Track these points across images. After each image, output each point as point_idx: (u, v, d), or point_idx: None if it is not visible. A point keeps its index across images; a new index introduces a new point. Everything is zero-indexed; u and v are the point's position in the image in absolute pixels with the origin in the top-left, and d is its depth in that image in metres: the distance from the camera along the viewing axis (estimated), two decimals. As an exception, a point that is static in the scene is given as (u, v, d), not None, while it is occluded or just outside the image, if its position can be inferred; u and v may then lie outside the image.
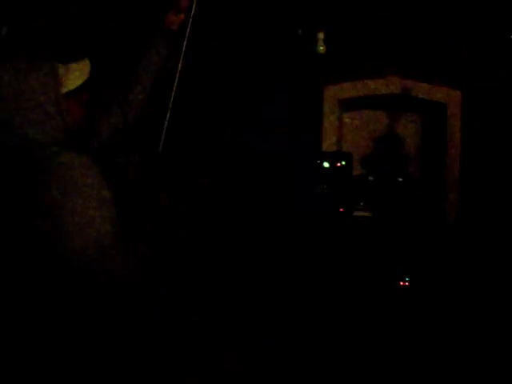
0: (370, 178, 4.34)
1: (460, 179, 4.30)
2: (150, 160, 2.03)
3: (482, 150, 4.23)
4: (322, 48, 3.50)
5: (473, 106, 4.28)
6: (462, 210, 4.29)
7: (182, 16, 2.17)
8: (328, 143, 4.39)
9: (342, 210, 4.05)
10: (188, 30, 2.18)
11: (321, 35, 3.54)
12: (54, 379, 1.67)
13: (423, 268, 3.80)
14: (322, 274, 3.71)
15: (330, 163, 4.06)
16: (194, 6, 2.19)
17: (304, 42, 3.95)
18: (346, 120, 4.61)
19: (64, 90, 1.73)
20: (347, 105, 4.49)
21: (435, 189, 4.40)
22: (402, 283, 3.78)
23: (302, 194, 4.03)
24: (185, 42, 2.18)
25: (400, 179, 4.32)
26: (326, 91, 4.39)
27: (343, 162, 4.09)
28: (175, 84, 2.16)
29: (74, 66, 1.78)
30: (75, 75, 1.77)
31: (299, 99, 4.35)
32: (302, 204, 3.99)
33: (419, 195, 4.32)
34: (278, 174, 4.22)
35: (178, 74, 2.17)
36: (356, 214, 4.08)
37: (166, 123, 2.11)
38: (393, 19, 4.23)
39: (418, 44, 4.26)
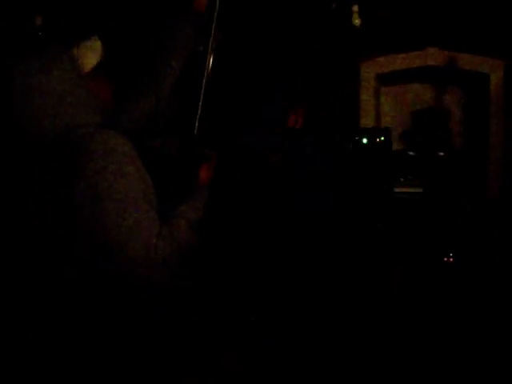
0: (411, 153, 4.25)
1: (503, 152, 4.19)
2: (186, 143, 2.02)
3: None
4: (357, 21, 3.42)
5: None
6: (505, 184, 4.18)
7: None
8: (366, 119, 4.31)
9: (382, 186, 3.98)
10: (216, 11, 2.14)
11: (355, 8, 3.47)
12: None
13: (467, 244, 3.73)
14: (362, 248, 3.67)
15: (368, 139, 3.98)
16: None
17: (338, 15, 3.87)
18: (384, 95, 4.52)
19: (84, 70, 1.77)
20: (385, 79, 4.40)
21: (478, 162, 4.30)
22: (446, 259, 3.71)
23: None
24: (213, 24, 2.15)
25: (441, 153, 4.22)
26: (362, 66, 4.31)
27: (382, 138, 4.00)
28: (207, 66, 2.13)
29: (84, 46, 1.81)
30: (88, 55, 1.79)
31: (335, 75, 4.27)
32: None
33: (462, 170, 4.22)
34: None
35: (209, 56, 2.14)
36: (397, 190, 4.01)
37: (200, 106, 2.08)
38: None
39: (457, 13, 4.13)
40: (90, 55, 1.79)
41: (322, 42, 4.19)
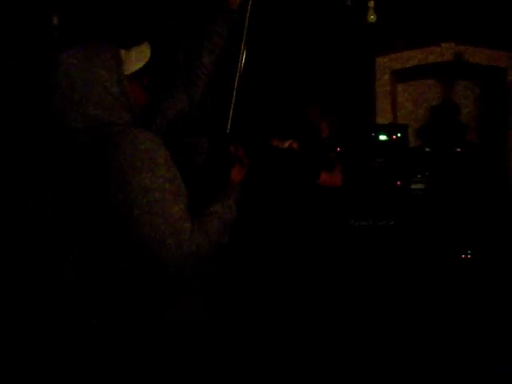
0: (427, 149, 4.22)
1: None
2: (218, 142, 2.02)
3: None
4: (372, 17, 3.39)
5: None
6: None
7: None
8: (382, 115, 4.28)
9: (399, 183, 3.95)
10: (248, 11, 2.15)
11: (371, 4, 3.44)
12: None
13: (485, 240, 3.70)
14: (380, 246, 3.65)
15: (385, 136, 3.96)
16: None
17: (354, 11, 3.85)
18: (400, 91, 4.49)
19: (126, 72, 1.78)
20: (400, 75, 4.37)
21: (495, 158, 4.26)
22: (464, 256, 3.68)
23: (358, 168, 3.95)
24: (246, 22, 2.15)
25: (458, 149, 4.19)
26: (377, 62, 4.28)
27: (399, 134, 3.98)
28: (240, 65, 2.14)
29: (134, 50, 1.83)
30: (136, 59, 1.82)
31: (351, 72, 4.25)
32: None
33: (479, 165, 4.19)
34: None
35: (241, 55, 2.15)
36: (414, 186, 3.98)
37: (233, 105, 2.07)
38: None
39: (472, 7, 4.10)
40: (137, 60, 1.82)
41: (338, 38, 4.18)
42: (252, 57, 2.17)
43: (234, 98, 2.08)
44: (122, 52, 1.80)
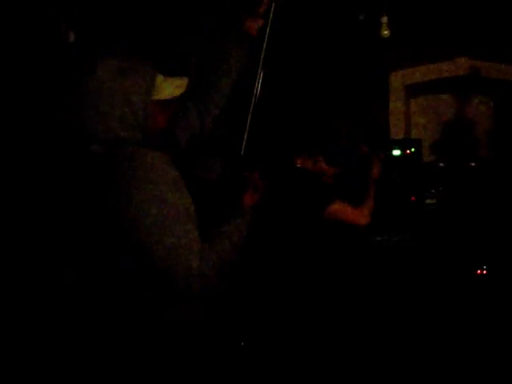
0: (441, 164, 4.21)
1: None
2: (232, 163, 2.03)
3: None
4: (386, 32, 3.40)
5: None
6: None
7: (261, 21, 2.16)
8: (396, 130, 4.28)
9: (413, 198, 3.95)
10: (267, 36, 2.16)
11: (384, 19, 3.44)
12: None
13: (500, 255, 3.68)
14: (394, 262, 3.64)
15: (399, 150, 3.96)
16: (272, 11, 2.17)
17: (367, 27, 3.86)
18: (414, 105, 4.49)
19: (156, 96, 1.79)
20: (414, 90, 4.37)
21: (509, 173, 4.24)
22: (479, 271, 3.66)
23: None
24: (264, 48, 2.17)
25: (472, 164, 4.18)
26: (391, 77, 4.29)
27: (412, 149, 3.98)
28: (256, 88, 2.15)
29: (172, 79, 1.84)
30: (170, 88, 1.82)
31: (365, 86, 4.26)
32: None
33: (493, 180, 4.17)
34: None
35: (258, 79, 2.16)
36: (428, 201, 3.97)
37: (248, 127, 2.09)
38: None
39: (485, 22, 4.10)
40: (171, 90, 1.83)
41: (352, 54, 4.19)
42: (268, 76, 2.19)
43: (249, 121, 2.10)
44: (160, 77, 1.80)
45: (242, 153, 2.04)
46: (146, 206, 1.62)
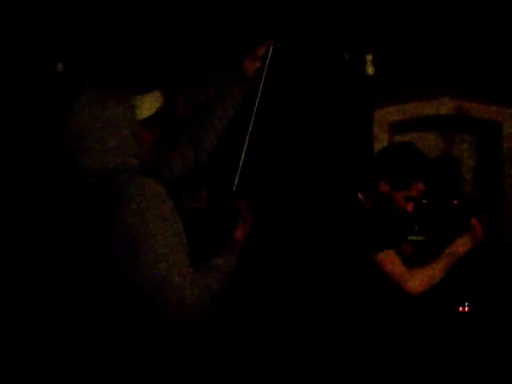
0: (424, 201, 4.23)
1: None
2: (223, 197, 2.08)
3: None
4: (370, 70, 3.45)
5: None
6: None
7: (258, 63, 2.26)
8: (379, 167, 4.31)
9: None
10: (264, 77, 2.25)
11: (369, 57, 3.50)
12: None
13: (483, 293, 3.68)
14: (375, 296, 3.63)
15: (382, 187, 3.97)
16: (270, 54, 2.26)
17: (352, 64, 3.92)
18: (398, 143, 4.53)
19: (138, 117, 1.84)
20: (398, 127, 4.43)
21: (492, 211, 4.27)
22: (461, 309, 3.66)
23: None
24: (260, 89, 2.25)
25: (455, 201, 4.20)
26: (375, 114, 4.34)
27: (396, 185, 3.99)
28: (251, 126, 2.22)
29: (148, 96, 1.89)
30: (148, 106, 1.87)
31: (349, 123, 4.31)
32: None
33: (476, 217, 4.19)
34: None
35: (253, 117, 2.23)
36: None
37: (241, 164, 2.15)
38: (442, 39, 4.17)
39: (468, 63, 4.18)
40: (149, 106, 1.87)
41: (336, 91, 4.24)
42: (262, 114, 2.24)
43: (243, 158, 2.14)
44: (136, 97, 1.84)
45: (234, 188, 2.08)
46: (140, 234, 1.65)
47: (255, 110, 2.23)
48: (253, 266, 3.40)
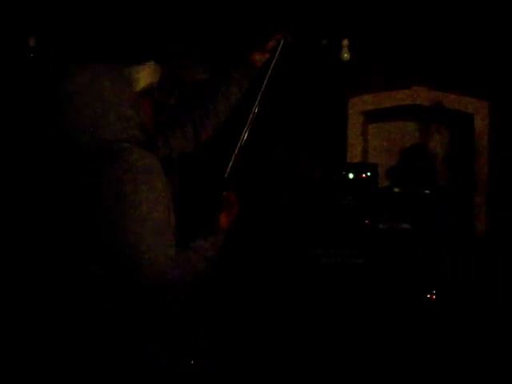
0: (396, 189, 4.28)
1: (488, 191, 4.22)
2: (214, 183, 2.10)
3: (510, 160, 4.16)
4: (346, 55, 3.46)
5: (500, 116, 4.21)
6: (490, 221, 4.21)
7: (267, 56, 2.28)
8: (353, 155, 4.35)
9: (367, 221, 3.99)
10: (270, 70, 2.26)
11: (345, 42, 3.52)
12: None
13: (451, 281, 3.73)
14: (346, 285, 3.67)
15: (355, 174, 4.01)
16: (280, 48, 2.28)
17: (328, 51, 3.94)
18: (371, 131, 4.57)
19: (136, 89, 1.83)
20: (372, 116, 4.45)
21: (463, 200, 4.33)
22: (428, 295, 3.71)
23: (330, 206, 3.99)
24: (265, 80, 2.26)
25: (427, 191, 4.25)
26: (350, 103, 4.36)
27: (368, 173, 4.03)
28: (251, 116, 2.23)
29: (143, 66, 1.88)
30: (144, 76, 1.86)
31: (324, 111, 4.33)
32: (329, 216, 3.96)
33: (447, 207, 4.25)
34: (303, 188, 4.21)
35: (255, 108, 2.24)
36: (381, 226, 4.02)
37: (236, 153, 2.16)
38: (419, 29, 4.20)
39: (444, 54, 4.22)
40: (144, 76, 1.86)
41: (312, 77, 4.26)
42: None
43: (239, 147, 2.17)
44: (132, 68, 1.83)
45: (226, 175, 2.10)
46: (131, 205, 1.66)
47: (258, 100, 2.25)
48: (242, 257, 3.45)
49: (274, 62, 2.28)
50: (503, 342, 3.43)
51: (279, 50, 2.28)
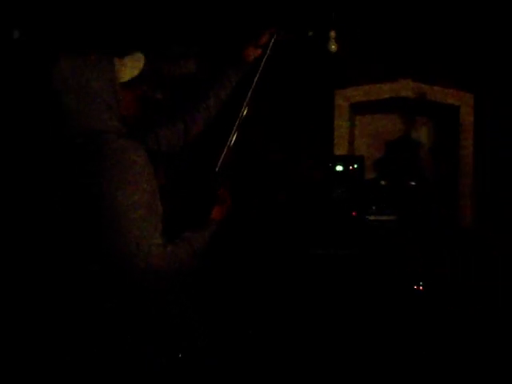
0: (382, 182, 4.29)
1: (473, 183, 4.25)
2: (206, 178, 2.12)
3: (496, 152, 4.19)
4: (333, 47, 3.45)
5: (485, 108, 4.24)
6: (475, 213, 4.24)
7: (259, 51, 2.30)
8: (339, 147, 4.36)
9: (354, 213, 4.00)
10: (262, 65, 2.28)
11: (332, 34, 3.51)
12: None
13: (437, 272, 3.76)
14: (335, 276, 3.68)
15: (342, 167, 4.01)
16: (271, 44, 2.30)
17: (315, 43, 3.94)
18: (358, 124, 4.58)
19: (120, 80, 1.84)
20: (359, 108, 4.46)
21: (449, 192, 4.36)
22: (416, 287, 3.73)
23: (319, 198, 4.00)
24: (257, 75, 2.28)
25: (413, 183, 4.27)
26: (337, 95, 4.37)
27: (355, 166, 4.04)
28: (243, 111, 2.25)
29: (128, 58, 1.89)
30: (130, 68, 1.87)
31: (310, 103, 4.33)
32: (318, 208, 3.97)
33: (433, 199, 4.28)
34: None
35: (246, 103, 2.26)
36: (368, 217, 4.04)
37: (227, 148, 2.18)
38: (405, 22, 4.21)
39: (430, 47, 4.24)
40: (131, 69, 1.86)
41: (299, 69, 4.26)
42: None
43: (230, 142, 2.19)
44: (116, 60, 1.84)
45: (216, 169, 2.12)
46: (115, 199, 1.67)
47: (249, 95, 2.26)
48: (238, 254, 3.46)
49: (265, 57, 2.29)
50: (490, 331, 3.46)
51: (271, 45, 2.30)
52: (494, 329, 3.48)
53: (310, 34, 3.96)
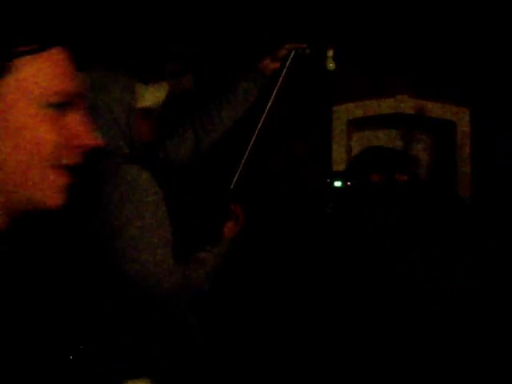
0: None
1: (471, 197, 4.28)
2: (219, 194, 2.07)
3: (493, 167, 4.22)
4: (331, 65, 3.49)
5: (482, 123, 4.27)
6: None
7: (277, 64, 2.21)
8: (338, 163, 4.38)
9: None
10: (281, 79, 2.21)
11: (330, 53, 3.54)
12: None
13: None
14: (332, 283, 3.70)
15: (340, 182, 4.03)
16: (291, 58, 2.24)
17: (312, 61, 3.97)
18: (356, 139, 4.61)
19: (138, 106, 1.80)
20: (356, 124, 4.49)
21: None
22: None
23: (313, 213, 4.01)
24: (275, 90, 2.21)
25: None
26: (335, 111, 4.40)
27: (354, 181, 4.06)
28: (259, 126, 2.18)
29: (152, 87, 1.85)
30: (151, 96, 1.83)
31: (309, 119, 4.36)
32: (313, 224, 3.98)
33: (429, 210, 4.29)
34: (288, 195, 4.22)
35: (263, 117, 2.19)
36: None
37: (243, 163, 2.12)
38: (402, 40, 4.25)
39: (427, 64, 4.27)
40: (152, 97, 1.83)
41: (297, 85, 4.29)
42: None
43: (245, 158, 2.12)
44: (140, 86, 1.81)
45: (231, 187, 2.08)
46: (121, 223, 1.66)
47: (267, 110, 2.19)
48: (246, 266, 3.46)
49: (284, 70, 2.22)
50: (490, 330, 3.45)
51: (290, 59, 2.23)
52: (494, 328, 3.47)
53: (308, 51, 4.01)
